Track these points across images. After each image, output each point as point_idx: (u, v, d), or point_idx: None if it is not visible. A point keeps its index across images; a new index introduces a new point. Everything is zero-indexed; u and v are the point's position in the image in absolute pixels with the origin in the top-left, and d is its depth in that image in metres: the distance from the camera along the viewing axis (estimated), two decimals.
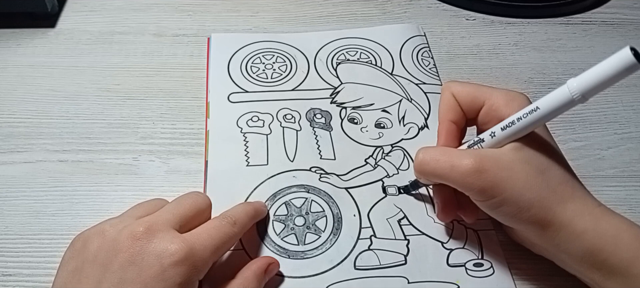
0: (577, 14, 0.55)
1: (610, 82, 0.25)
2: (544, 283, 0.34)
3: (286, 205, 0.37)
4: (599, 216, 0.30)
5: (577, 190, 0.30)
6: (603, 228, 0.29)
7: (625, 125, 0.44)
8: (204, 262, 0.29)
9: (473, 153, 0.31)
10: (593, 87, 0.26)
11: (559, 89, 0.28)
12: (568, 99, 0.27)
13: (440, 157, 0.32)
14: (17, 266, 0.34)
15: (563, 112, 0.28)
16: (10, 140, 0.41)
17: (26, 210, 0.37)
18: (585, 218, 0.29)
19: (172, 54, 0.48)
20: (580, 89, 0.26)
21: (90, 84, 0.45)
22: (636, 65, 0.24)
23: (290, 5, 0.54)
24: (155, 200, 0.33)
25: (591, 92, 0.26)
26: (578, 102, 0.27)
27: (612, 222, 0.29)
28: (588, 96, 0.26)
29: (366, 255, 0.35)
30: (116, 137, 0.41)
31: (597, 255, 0.29)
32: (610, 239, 0.29)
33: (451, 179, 0.31)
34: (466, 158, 0.30)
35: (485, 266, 0.35)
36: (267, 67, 0.46)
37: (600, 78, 0.25)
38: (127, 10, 0.53)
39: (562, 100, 0.27)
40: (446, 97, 0.35)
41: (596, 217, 0.29)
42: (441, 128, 0.35)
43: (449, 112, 0.34)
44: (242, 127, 0.42)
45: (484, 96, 0.33)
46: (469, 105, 0.34)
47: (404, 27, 0.51)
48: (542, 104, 0.28)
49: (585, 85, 0.26)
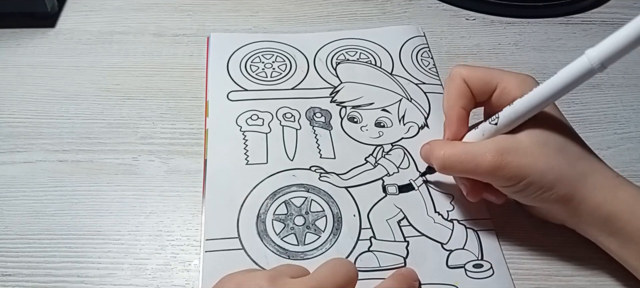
0: (577, 13, 0.55)
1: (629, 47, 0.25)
2: (544, 283, 0.34)
3: (286, 204, 0.37)
4: (617, 186, 0.31)
5: (595, 163, 0.31)
6: (620, 198, 0.30)
7: (625, 125, 0.44)
8: None
9: (493, 146, 0.31)
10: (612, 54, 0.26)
11: (577, 60, 0.27)
12: (587, 69, 0.27)
13: (464, 157, 0.32)
14: (17, 266, 0.34)
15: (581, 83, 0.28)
16: (10, 140, 0.41)
17: (26, 210, 0.37)
18: (604, 189, 0.30)
19: (172, 54, 0.48)
20: (600, 57, 0.26)
21: (90, 83, 0.45)
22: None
23: (290, 5, 0.54)
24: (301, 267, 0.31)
25: (611, 59, 0.26)
26: (598, 70, 0.27)
27: (629, 192, 0.30)
28: (607, 64, 0.26)
29: (366, 256, 0.35)
30: (116, 137, 0.41)
31: (614, 224, 0.30)
32: (627, 208, 0.30)
33: (476, 175, 0.32)
34: (488, 153, 0.30)
35: (485, 267, 0.35)
36: (267, 66, 0.46)
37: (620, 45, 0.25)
38: (127, 10, 0.53)
39: (581, 70, 0.27)
40: (457, 83, 0.34)
41: (614, 187, 0.30)
42: (452, 114, 0.34)
43: (461, 98, 0.34)
44: (242, 126, 0.42)
45: (495, 79, 0.33)
46: (480, 89, 0.34)
47: (403, 29, 0.51)
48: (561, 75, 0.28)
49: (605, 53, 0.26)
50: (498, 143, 0.31)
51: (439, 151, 0.33)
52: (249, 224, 0.36)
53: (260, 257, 0.34)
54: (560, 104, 0.45)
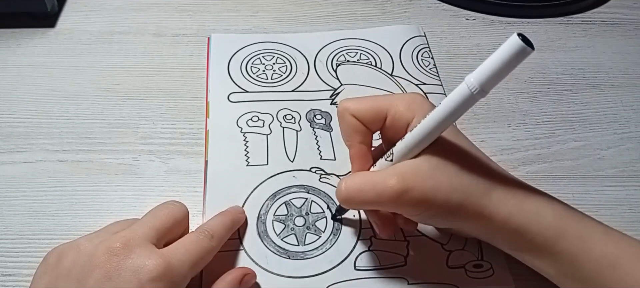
0: (577, 13, 0.55)
1: (505, 70, 0.25)
2: (544, 283, 0.34)
3: (286, 205, 0.37)
4: (522, 198, 0.30)
5: (498, 177, 0.31)
6: (526, 210, 0.30)
7: (625, 125, 0.44)
8: (182, 278, 0.28)
9: (395, 173, 0.30)
10: (489, 78, 0.25)
11: (458, 87, 0.27)
12: (468, 95, 0.26)
13: (363, 187, 0.30)
14: (17, 266, 0.34)
15: (467, 109, 0.27)
16: (10, 140, 0.41)
17: (26, 210, 0.37)
18: (510, 202, 0.30)
19: (172, 54, 0.48)
20: (478, 82, 0.26)
21: (90, 83, 0.45)
22: (525, 49, 0.24)
23: (290, 5, 0.54)
24: (131, 219, 0.32)
25: (489, 83, 0.26)
26: (478, 96, 0.26)
27: (535, 203, 0.30)
28: (487, 88, 0.26)
29: (366, 255, 0.35)
30: (116, 136, 0.41)
31: (524, 236, 0.30)
32: (534, 219, 0.30)
33: (380, 205, 0.31)
34: (390, 180, 0.29)
35: (485, 267, 0.35)
36: (267, 68, 0.46)
37: (495, 68, 0.25)
38: (127, 10, 0.53)
39: (462, 97, 0.27)
40: (348, 120, 0.32)
41: (520, 199, 0.30)
42: (353, 152, 0.33)
43: (356, 135, 0.33)
44: (242, 127, 0.42)
45: (384, 108, 0.32)
46: (371, 120, 0.32)
47: (404, 28, 0.51)
48: (444, 105, 0.28)
49: (482, 77, 0.25)
50: (398, 169, 0.30)
51: (340, 184, 0.31)
52: (249, 225, 0.36)
53: (260, 257, 0.34)
54: (561, 104, 0.46)
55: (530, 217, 0.30)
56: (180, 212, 0.32)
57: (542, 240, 0.29)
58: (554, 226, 0.29)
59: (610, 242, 0.29)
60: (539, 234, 0.29)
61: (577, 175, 0.41)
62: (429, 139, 0.29)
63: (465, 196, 0.29)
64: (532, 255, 0.31)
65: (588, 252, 0.29)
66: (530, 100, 0.46)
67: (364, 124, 0.32)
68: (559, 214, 0.30)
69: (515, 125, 0.44)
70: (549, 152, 0.42)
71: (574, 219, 0.30)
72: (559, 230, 0.29)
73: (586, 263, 0.29)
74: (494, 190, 0.30)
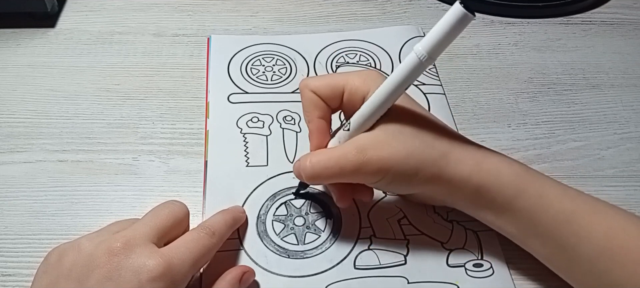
0: (577, 14, 0.55)
1: (449, 37, 0.27)
2: (544, 283, 0.34)
3: (286, 205, 0.37)
4: (481, 159, 0.31)
5: (454, 139, 0.32)
6: (486, 169, 0.31)
7: (625, 125, 0.44)
8: (183, 276, 0.28)
9: (354, 146, 0.31)
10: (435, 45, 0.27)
11: (408, 56, 0.28)
12: (417, 62, 0.28)
13: (328, 163, 0.31)
14: (17, 266, 0.34)
15: (417, 76, 0.29)
16: (10, 140, 0.41)
17: (26, 210, 0.37)
18: (468, 162, 0.31)
19: (172, 54, 0.48)
20: (426, 49, 0.27)
21: (90, 83, 0.45)
22: (467, 15, 0.26)
23: (290, 5, 0.54)
24: (131, 219, 0.32)
25: (435, 50, 0.27)
26: (427, 63, 0.28)
27: (493, 162, 0.31)
28: (434, 55, 0.28)
29: (366, 254, 0.35)
30: (116, 137, 0.41)
31: (484, 195, 0.31)
32: (493, 179, 0.31)
33: (343, 177, 0.32)
34: (350, 153, 0.31)
35: (485, 266, 0.35)
36: (267, 70, 0.46)
37: (440, 35, 0.27)
38: (127, 10, 0.53)
39: (412, 64, 0.28)
40: (307, 95, 0.34)
41: (478, 160, 0.31)
42: (312, 127, 0.34)
43: (315, 110, 0.34)
44: (242, 128, 0.42)
45: (341, 83, 0.34)
46: (330, 96, 0.34)
47: (403, 29, 0.51)
48: (395, 73, 0.29)
49: (429, 45, 0.27)
50: (357, 141, 0.31)
51: (304, 162, 0.33)
52: (249, 225, 0.36)
53: (260, 256, 0.34)
54: (561, 104, 0.46)
55: (489, 176, 0.31)
56: (181, 211, 0.32)
57: (502, 199, 0.31)
58: (513, 184, 0.31)
59: (567, 198, 0.31)
60: (499, 193, 0.31)
61: (577, 175, 0.41)
62: (384, 107, 0.31)
63: (422, 159, 0.31)
64: (493, 214, 0.32)
65: (546, 208, 0.30)
66: (530, 100, 0.46)
67: (323, 99, 0.34)
68: (517, 173, 0.31)
69: (515, 125, 0.44)
70: (549, 152, 0.42)
71: (533, 178, 0.31)
72: (518, 188, 0.31)
73: (544, 220, 0.30)
74: (451, 152, 0.31)
